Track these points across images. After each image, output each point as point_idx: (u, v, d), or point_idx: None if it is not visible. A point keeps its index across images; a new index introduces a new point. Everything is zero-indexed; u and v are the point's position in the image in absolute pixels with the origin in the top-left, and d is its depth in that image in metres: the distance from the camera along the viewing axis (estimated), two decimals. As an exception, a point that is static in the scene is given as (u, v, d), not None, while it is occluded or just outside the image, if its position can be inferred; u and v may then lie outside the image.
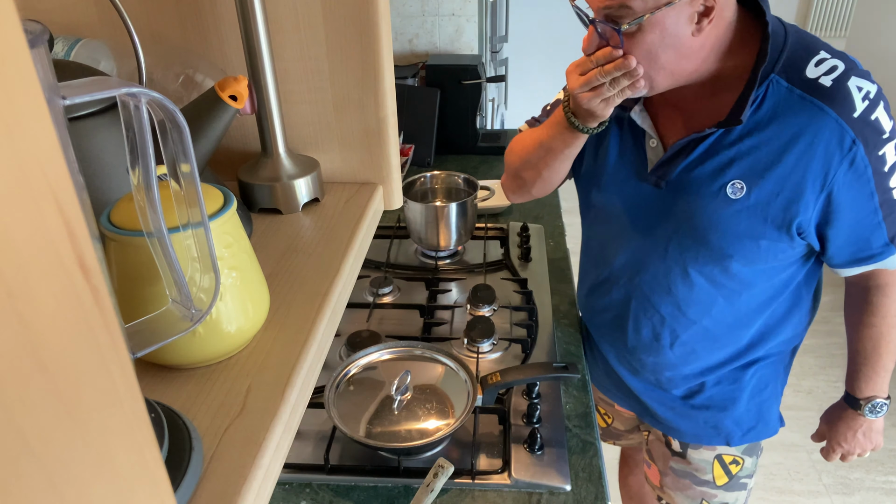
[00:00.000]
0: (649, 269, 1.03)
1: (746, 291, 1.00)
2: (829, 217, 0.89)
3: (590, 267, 1.18)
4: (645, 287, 1.05)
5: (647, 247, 1.02)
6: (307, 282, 0.53)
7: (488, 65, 2.63)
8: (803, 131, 0.85)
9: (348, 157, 0.70)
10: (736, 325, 1.04)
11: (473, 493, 0.93)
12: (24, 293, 0.15)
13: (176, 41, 0.67)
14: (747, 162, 0.89)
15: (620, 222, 1.05)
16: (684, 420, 1.16)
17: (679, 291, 1.02)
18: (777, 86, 0.86)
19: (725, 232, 0.93)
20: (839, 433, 1.12)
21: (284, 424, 0.41)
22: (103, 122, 0.49)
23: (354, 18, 0.63)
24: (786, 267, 0.98)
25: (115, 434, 0.19)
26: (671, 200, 0.96)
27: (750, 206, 0.90)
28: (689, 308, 1.03)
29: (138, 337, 0.36)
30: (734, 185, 0.90)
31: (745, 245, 0.93)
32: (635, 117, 0.99)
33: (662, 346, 1.08)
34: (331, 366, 1.14)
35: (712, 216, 0.93)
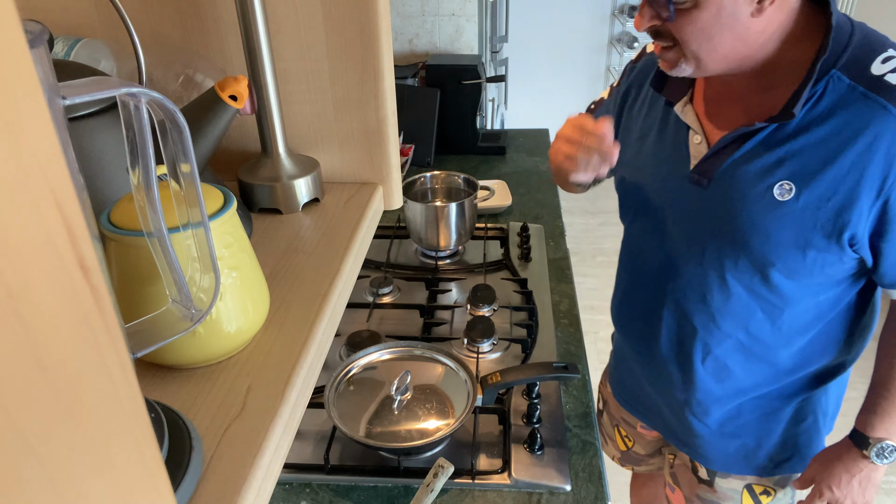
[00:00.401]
0: (684, 274, 0.96)
1: (789, 308, 0.91)
2: (883, 228, 0.81)
3: (623, 270, 1.12)
4: (678, 293, 0.98)
5: (683, 250, 0.95)
6: (307, 282, 0.53)
7: (488, 65, 2.63)
8: (863, 131, 0.78)
9: (348, 157, 0.70)
10: (775, 344, 0.95)
11: (473, 493, 0.93)
12: (24, 293, 0.15)
13: (176, 41, 0.67)
14: (798, 162, 0.81)
15: (657, 223, 0.99)
16: (713, 447, 1.07)
17: (714, 300, 0.94)
18: (838, 82, 0.79)
19: (769, 237, 0.85)
20: (833, 475, 0.98)
21: (284, 424, 0.41)
22: (103, 122, 0.49)
23: (354, 18, 0.63)
24: (834, 285, 0.89)
25: (115, 434, 0.19)
26: (713, 200, 0.89)
27: (798, 210, 0.82)
28: (723, 319, 0.94)
29: (138, 337, 0.36)
30: (782, 185, 0.83)
31: (790, 253, 0.85)
32: (679, 112, 0.93)
33: (693, 360, 0.99)
34: (331, 366, 1.14)
35: (756, 219, 0.85)
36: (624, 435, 1.31)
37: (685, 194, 0.93)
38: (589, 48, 4.52)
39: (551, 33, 4.46)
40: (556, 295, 1.39)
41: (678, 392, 1.05)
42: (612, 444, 1.35)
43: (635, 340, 1.11)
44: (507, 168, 2.04)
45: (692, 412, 1.05)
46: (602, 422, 1.36)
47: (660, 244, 0.99)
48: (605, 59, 4.54)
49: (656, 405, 1.13)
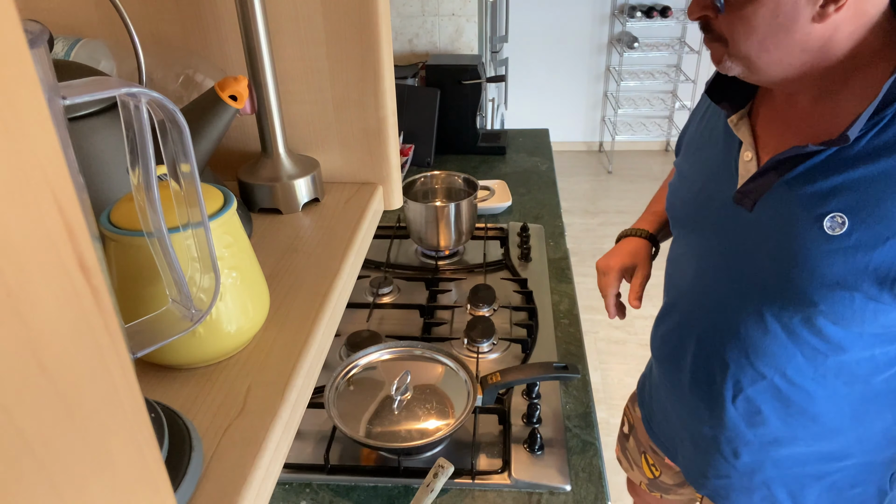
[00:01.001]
0: (719, 302, 0.89)
1: (835, 356, 0.81)
2: None
3: (665, 290, 1.05)
4: (711, 322, 0.90)
5: (720, 276, 0.88)
6: (307, 282, 0.53)
7: (488, 65, 2.63)
8: None
9: (348, 157, 0.70)
10: (817, 394, 0.85)
11: (473, 493, 0.93)
12: (24, 293, 0.15)
13: (176, 41, 0.67)
14: (855, 194, 0.73)
15: (697, 243, 0.92)
16: (738, 492, 0.99)
17: (749, 336, 0.85)
18: None
19: (813, 274, 0.76)
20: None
21: (284, 424, 0.41)
22: (103, 122, 0.49)
23: (354, 18, 0.63)
24: (892, 339, 0.80)
25: (115, 434, 0.19)
26: (756, 225, 0.82)
27: (849, 248, 0.73)
28: (758, 358, 0.86)
29: (138, 337, 0.36)
30: (834, 218, 0.74)
31: (836, 295, 0.76)
32: (733, 125, 0.85)
33: (724, 397, 0.91)
34: (331, 366, 1.14)
35: (800, 251, 0.77)
36: (651, 463, 1.24)
37: (728, 215, 0.85)
38: (589, 48, 4.52)
39: (551, 33, 4.46)
40: (556, 295, 1.39)
41: (706, 427, 0.97)
42: (637, 470, 1.29)
43: (665, 365, 1.04)
44: (507, 168, 2.04)
45: (720, 451, 0.96)
46: (628, 446, 1.30)
47: (697, 264, 0.92)
48: (605, 59, 4.55)
49: (683, 441, 1.06)
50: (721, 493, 1.01)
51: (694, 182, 0.93)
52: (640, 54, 4.30)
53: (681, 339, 0.97)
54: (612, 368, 2.65)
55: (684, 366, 0.97)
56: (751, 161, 0.83)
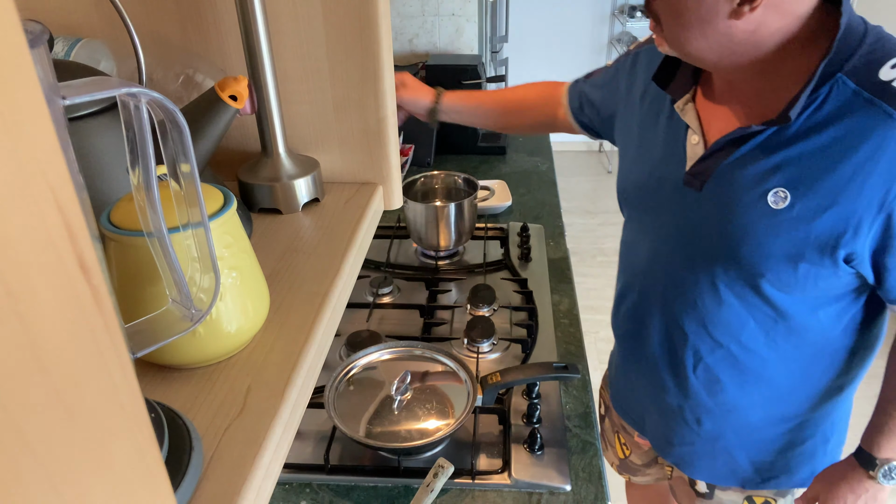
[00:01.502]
0: (675, 278, 0.94)
1: (783, 321, 0.88)
2: (887, 242, 0.77)
3: (619, 274, 1.10)
4: (669, 297, 0.96)
5: (674, 253, 0.93)
6: (307, 282, 0.53)
7: (488, 65, 2.63)
8: (865, 139, 0.74)
9: (348, 157, 0.70)
10: (769, 359, 0.91)
11: (473, 493, 0.93)
12: (24, 293, 0.15)
13: (176, 41, 0.67)
14: (795, 169, 0.78)
15: (650, 224, 0.97)
16: (701, 457, 1.06)
17: (705, 307, 0.91)
18: (843, 87, 0.75)
19: (760, 246, 0.82)
20: (837, 496, 0.96)
21: (284, 424, 0.41)
22: (103, 122, 0.49)
23: (354, 18, 0.63)
24: (832, 300, 0.86)
25: (115, 434, 0.19)
26: (705, 204, 0.87)
27: (791, 220, 0.79)
28: (715, 328, 0.92)
29: (138, 337, 0.36)
30: (777, 193, 0.80)
31: (781, 265, 0.82)
32: (679, 110, 0.90)
33: (685, 367, 0.97)
34: (331, 366, 1.14)
35: (748, 226, 0.82)
36: (623, 442, 1.29)
37: (679, 196, 0.90)
38: (589, 48, 4.52)
39: (551, 33, 4.46)
40: (556, 295, 1.39)
41: (671, 398, 1.03)
42: (612, 450, 1.34)
43: (629, 342, 1.09)
44: (507, 168, 2.04)
45: (684, 419, 1.03)
46: (604, 427, 1.34)
47: (651, 244, 0.97)
48: (604, 58, 4.54)
49: (649, 412, 1.11)
50: (686, 460, 1.08)
51: (643, 166, 0.97)
52: (640, 54, 4.29)
53: (642, 317, 1.02)
54: (612, 368, 2.64)
55: (648, 341, 1.02)
56: (698, 144, 0.88)
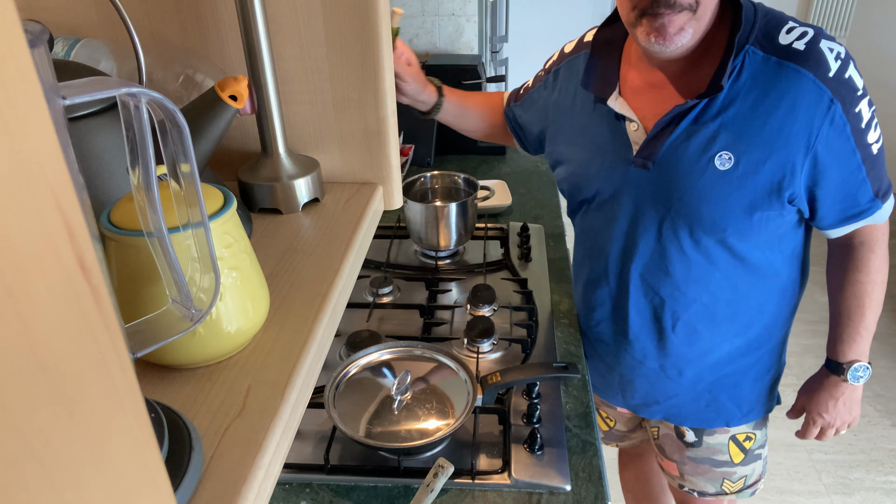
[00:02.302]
0: (645, 252, 1.04)
1: (743, 265, 1.01)
2: (816, 178, 0.91)
3: (584, 261, 1.19)
4: (643, 271, 1.06)
5: (640, 231, 1.03)
6: (307, 282, 0.53)
7: (488, 65, 2.62)
8: (783, 96, 0.87)
9: (348, 157, 0.70)
10: (734, 299, 1.04)
11: (473, 493, 0.93)
12: (24, 293, 0.15)
13: (176, 41, 0.67)
14: (732, 132, 0.90)
15: (611, 211, 1.06)
16: (687, 404, 1.17)
17: (676, 271, 1.03)
18: (753, 56, 0.88)
19: (718, 204, 0.93)
20: (820, 403, 1.12)
21: (284, 424, 0.41)
22: (103, 122, 0.49)
23: (354, 18, 0.63)
24: (780, 238, 1.00)
25: (115, 434, 0.19)
26: (660, 180, 0.97)
27: (739, 176, 0.91)
28: (688, 287, 1.04)
29: (138, 337, 0.36)
30: (721, 156, 0.91)
31: (738, 217, 0.94)
32: (613, 105, 1.00)
33: (665, 329, 1.09)
34: (331, 366, 1.14)
35: (703, 190, 0.93)
36: (605, 416, 1.39)
37: (633, 179, 1.00)
38: (589, 48, 4.52)
39: (551, 33, 4.46)
40: (556, 295, 1.39)
41: (652, 361, 1.14)
42: None
43: (605, 326, 1.18)
44: (507, 168, 2.04)
45: (666, 375, 1.15)
46: None
47: (618, 229, 1.06)
48: (605, 59, 4.54)
49: (630, 382, 1.21)
50: (674, 413, 1.20)
51: (591, 162, 1.06)
52: (640, 54, 4.29)
53: (620, 297, 1.11)
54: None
55: (626, 320, 1.12)
56: (638, 130, 0.99)
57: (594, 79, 1.03)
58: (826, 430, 1.14)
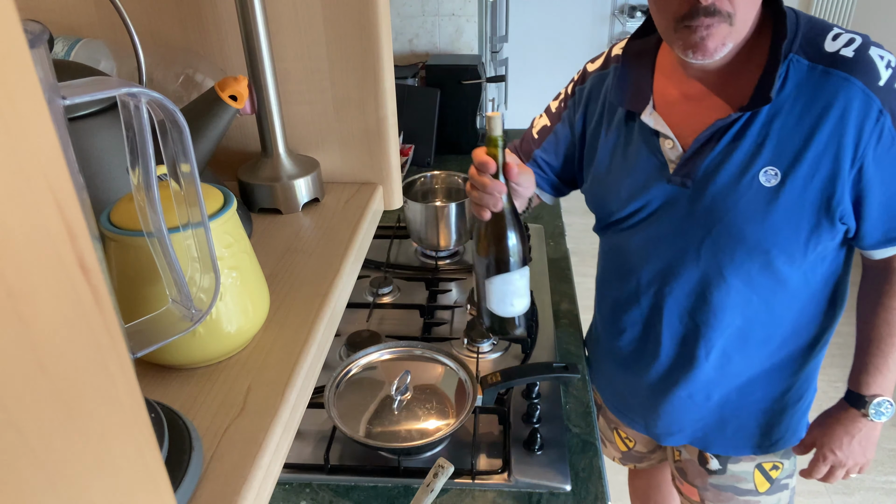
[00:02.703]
0: (681, 276, 0.97)
1: (782, 288, 0.94)
2: (861, 193, 0.85)
3: (612, 282, 1.11)
4: (678, 294, 0.99)
5: (677, 253, 0.96)
6: (307, 282, 0.53)
7: (488, 65, 2.63)
8: (831, 105, 0.82)
9: (348, 157, 0.70)
10: (769, 322, 0.98)
11: (473, 493, 0.93)
12: (24, 293, 0.15)
13: (176, 41, 0.67)
14: (777, 146, 0.84)
15: (646, 231, 0.99)
16: (714, 430, 1.10)
17: (714, 297, 0.96)
18: (797, 64, 0.83)
19: (763, 224, 0.87)
20: (834, 438, 1.02)
21: (284, 424, 0.41)
22: (103, 122, 0.49)
23: (354, 18, 0.63)
24: (821, 260, 0.93)
25: (115, 434, 0.19)
26: (700, 199, 0.91)
27: (787, 193, 0.85)
28: (724, 313, 0.97)
29: (138, 337, 0.36)
30: (767, 172, 0.85)
31: (785, 236, 0.87)
32: (647, 120, 0.94)
33: (697, 356, 1.02)
34: (331, 366, 1.14)
35: (747, 209, 0.87)
36: (624, 437, 1.32)
37: (670, 199, 0.94)
38: (589, 48, 4.52)
39: (551, 33, 4.46)
40: (556, 295, 1.39)
41: (682, 390, 1.07)
42: (611, 446, 1.37)
43: (633, 350, 1.11)
44: (507, 168, 2.03)
45: (694, 402, 1.07)
46: (599, 424, 1.34)
47: (653, 250, 1.00)
48: (605, 59, 4.54)
49: (653, 409, 1.13)
50: (698, 437, 1.12)
51: (623, 179, 0.99)
52: (640, 54, 4.29)
53: (651, 321, 1.05)
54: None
55: (657, 347, 1.05)
56: (674, 147, 0.92)
57: (626, 92, 0.97)
58: (835, 471, 1.04)
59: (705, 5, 0.78)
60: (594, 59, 1.08)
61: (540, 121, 1.14)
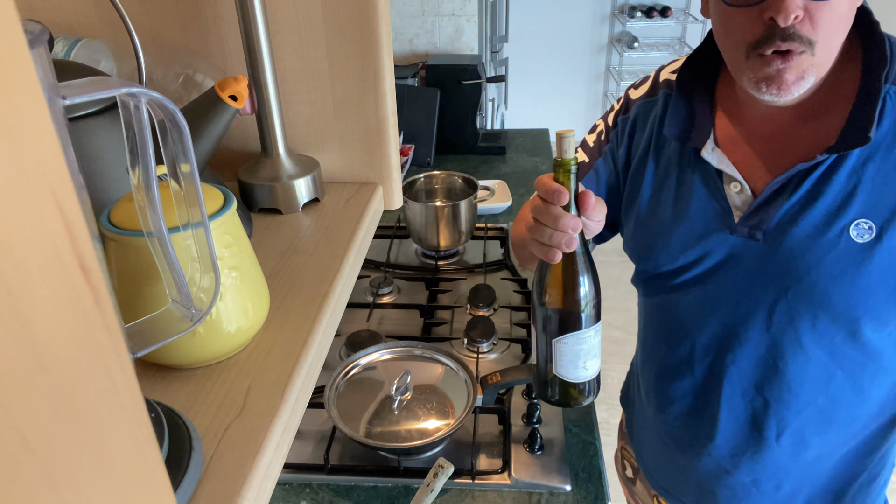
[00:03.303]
0: (748, 343, 0.83)
1: (872, 362, 0.80)
2: None
3: (658, 344, 0.96)
4: (742, 364, 0.84)
5: (743, 315, 0.82)
6: (307, 282, 0.53)
7: (488, 65, 2.63)
8: None
9: (348, 157, 0.70)
10: (855, 402, 0.83)
11: (473, 493, 0.93)
12: (24, 293, 0.15)
13: (176, 41, 0.67)
14: (872, 194, 0.71)
15: (703, 289, 0.85)
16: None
17: (789, 369, 0.81)
18: (895, 99, 0.71)
19: (854, 287, 0.73)
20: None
21: (284, 424, 0.41)
22: (103, 122, 0.49)
23: (354, 18, 0.63)
24: None
25: (115, 434, 0.19)
26: (773, 255, 0.77)
27: (883, 250, 0.71)
28: (801, 388, 0.82)
29: (138, 337, 0.36)
30: (859, 225, 0.72)
31: (880, 302, 0.74)
32: (709, 157, 0.79)
33: (766, 437, 0.86)
34: (331, 366, 1.14)
35: (834, 268, 0.73)
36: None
37: (736, 252, 0.80)
38: (589, 48, 4.52)
39: (551, 33, 4.46)
40: (556, 295, 1.39)
41: (743, 474, 0.91)
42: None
43: (683, 423, 0.94)
44: (507, 168, 2.04)
45: (760, 490, 0.92)
46: (636, 490, 1.19)
47: (712, 311, 0.85)
48: (605, 59, 4.54)
49: (709, 492, 0.97)
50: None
51: (676, 226, 0.85)
52: (640, 54, 4.30)
53: (708, 394, 0.89)
54: (612, 368, 2.64)
55: (713, 423, 0.89)
56: (742, 192, 0.79)
57: (682, 124, 0.82)
58: None
59: (784, 26, 0.66)
60: (637, 84, 0.94)
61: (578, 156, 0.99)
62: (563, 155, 0.66)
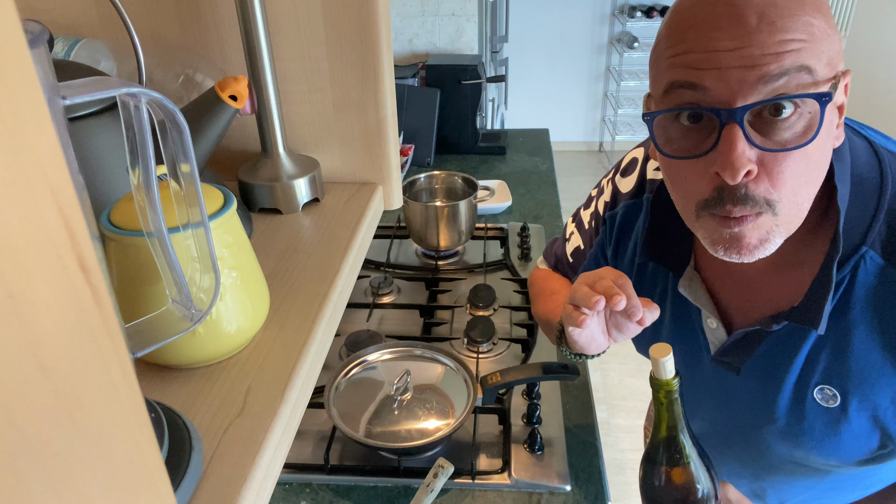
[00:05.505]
0: (733, 447, 0.82)
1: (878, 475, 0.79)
2: None
3: None
4: (734, 464, 0.84)
5: (730, 427, 0.80)
6: (307, 282, 0.53)
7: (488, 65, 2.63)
8: None
9: (348, 157, 0.70)
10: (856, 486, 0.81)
11: (473, 493, 0.93)
12: (24, 293, 0.15)
13: (176, 41, 0.67)
14: (836, 367, 0.65)
15: (694, 398, 0.83)
16: None
17: (778, 479, 0.81)
18: (869, 264, 0.60)
19: (822, 445, 0.69)
20: None
21: (284, 424, 0.41)
22: (103, 122, 0.49)
23: (354, 18, 0.63)
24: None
25: (115, 434, 0.19)
26: (752, 390, 0.73)
27: (849, 419, 0.66)
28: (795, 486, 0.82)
29: (138, 337, 0.36)
30: (823, 391, 0.66)
31: (852, 452, 0.69)
32: (684, 292, 0.74)
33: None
34: (331, 366, 1.14)
35: (803, 423, 0.69)
36: None
37: (718, 382, 0.77)
38: (589, 48, 4.52)
39: (551, 33, 4.46)
40: (556, 295, 1.39)
41: None
42: None
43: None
44: (507, 168, 2.04)
45: None
46: None
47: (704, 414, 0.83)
48: (605, 59, 4.55)
49: None
50: None
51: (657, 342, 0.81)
52: (641, 54, 4.30)
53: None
54: (612, 368, 2.65)
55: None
56: (717, 328, 0.73)
57: (658, 246, 0.76)
58: None
59: (734, 185, 0.55)
60: (626, 170, 0.85)
61: (574, 239, 0.95)
62: (660, 375, 0.60)
